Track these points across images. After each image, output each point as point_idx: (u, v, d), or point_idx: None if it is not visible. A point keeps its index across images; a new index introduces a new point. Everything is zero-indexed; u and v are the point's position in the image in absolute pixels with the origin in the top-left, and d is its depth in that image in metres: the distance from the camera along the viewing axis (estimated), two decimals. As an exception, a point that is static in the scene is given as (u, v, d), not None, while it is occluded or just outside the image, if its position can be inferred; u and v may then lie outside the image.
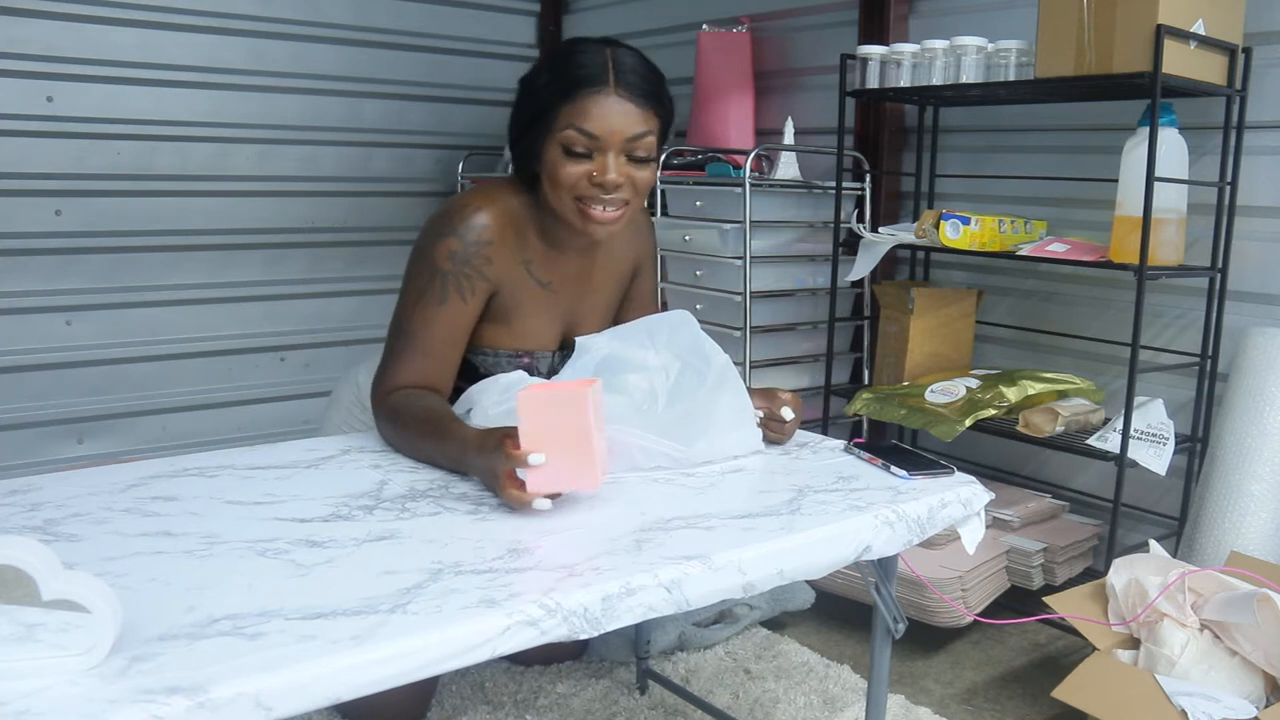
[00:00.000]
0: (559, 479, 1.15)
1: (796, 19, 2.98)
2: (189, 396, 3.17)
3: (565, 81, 1.43)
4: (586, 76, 1.42)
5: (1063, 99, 2.32)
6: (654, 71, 1.49)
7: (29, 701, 0.72)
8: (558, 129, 1.43)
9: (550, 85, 1.44)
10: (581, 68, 1.43)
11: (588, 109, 1.41)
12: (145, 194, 3.03)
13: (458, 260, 1.46)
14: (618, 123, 1.43)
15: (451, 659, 0.86)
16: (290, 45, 3.21)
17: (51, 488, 1.19)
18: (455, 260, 1.46)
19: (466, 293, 1.48)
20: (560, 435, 1.13)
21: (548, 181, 1.47)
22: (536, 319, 1.57)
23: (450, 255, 1.46)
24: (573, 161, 1.44)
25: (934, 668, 2.08)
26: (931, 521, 1.25)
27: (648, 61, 1.49)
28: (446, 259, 1.46)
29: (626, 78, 1.43)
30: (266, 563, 0.99)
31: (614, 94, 1.42)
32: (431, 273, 1.46)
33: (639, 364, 1.47)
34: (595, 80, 1.42)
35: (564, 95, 1.42)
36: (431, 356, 1.48)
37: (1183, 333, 2.25)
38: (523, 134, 1.50)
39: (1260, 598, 1.63)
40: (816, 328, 2.68)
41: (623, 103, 1.43)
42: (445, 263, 1.46)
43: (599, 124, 1.42)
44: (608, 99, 1.42)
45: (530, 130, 1.47)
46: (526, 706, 1.87)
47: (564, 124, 1.42)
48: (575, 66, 1.43)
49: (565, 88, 1.43)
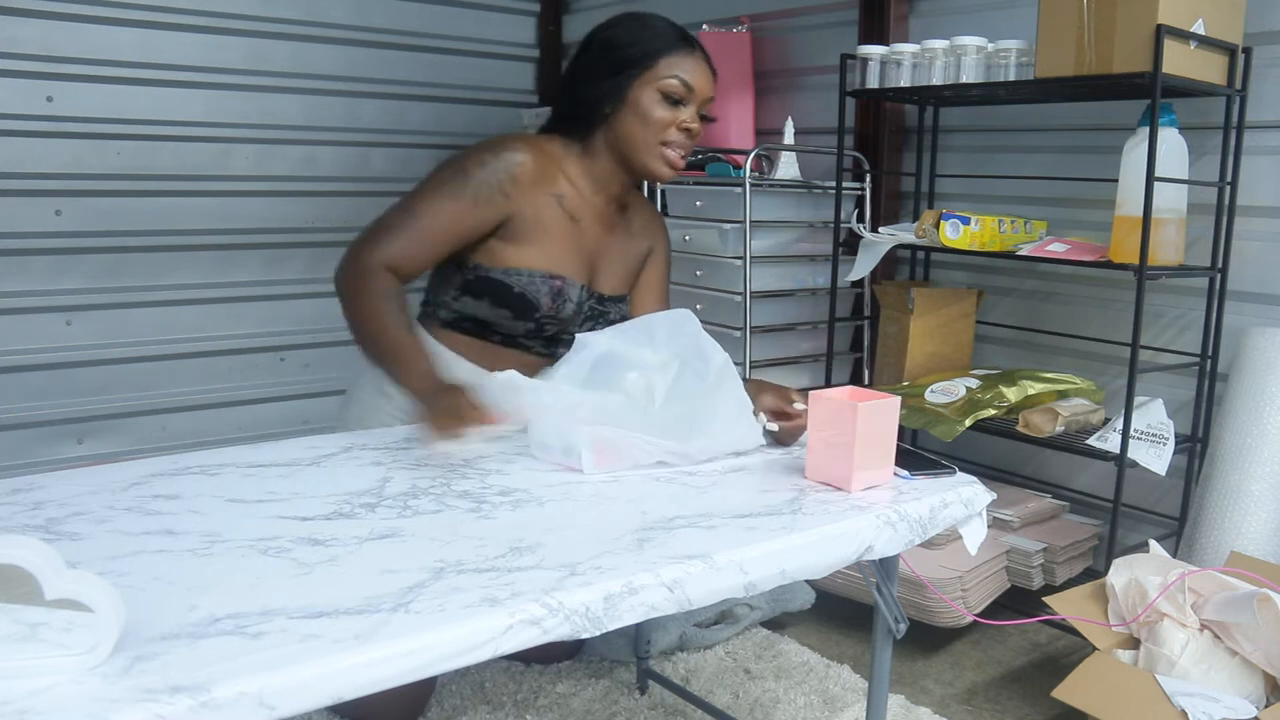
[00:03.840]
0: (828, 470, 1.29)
1: (796, 19, 2.98)
2: (189, 396, 3.17)
3: (670, 37, 1.63)
4: (686, 37, 1.64)
5: (1063, 99, 2.32)
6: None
7: (32, 701, 0.72)
8: (661, 76, 1.61)
9: (656, 39, 1.62)
10: (678, 30, 1.65)
11: (688, 64, 1.62)
12: (145, 194, 3.03)
13: (486, 169, 1.59)
14: (706, 83, 1.65)
15: (454, 658, 0.86)
16: (289, 45, 3.21)
17: (54, 487, 1.19)
18: (484, 168, 1.59)
19: (482, 200, 1.59)
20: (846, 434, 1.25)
21: (637, 122, 1.62)
22: (566, 248, 1.67)
23: (480, 164, 1.59)
24: (667, 107, 1.62)
25: (934, 668, 2.08)
26: (933, 521, 1.25)
27: None
28: (476, 166, 1.59)
29: (703, 50, 1.67)
30: (269, 561, 0.99)
31: (702, 58, 1.65)
32: (455, 172, 1.59)
33: (638, 362, 1.47)
34: (692, 43, 1.65)
35: (670, 48, 1.62)
36: (425, 244, 1.57)
37: (1183, 333, 2.25)
38: (605, 78, 1.63)
39: (1260, 598, 1.63)
40: (816, 328, 2.68)
41: (707, 68, 1.66)
42: (474, 169, 1.59)
43: (697, 79, 1.63)
44: (701, 61, 1.65)
45: (620, 75, 1.62)
46: (526, 706, 1.87)
47: (667, 73, 1.61)
48: (673, 28, 1.64)
49: (671, 42, 1.62)
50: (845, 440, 1.25)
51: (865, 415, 1.24)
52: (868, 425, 1.25)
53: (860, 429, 1.24)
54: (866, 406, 1.25)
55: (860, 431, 1.24)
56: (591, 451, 1.30)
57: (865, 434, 1.25)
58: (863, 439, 1.25)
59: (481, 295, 1.64)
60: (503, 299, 1.63)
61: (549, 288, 1.63)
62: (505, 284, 1.62)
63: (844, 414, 1.25)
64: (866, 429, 1.25)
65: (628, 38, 1.63)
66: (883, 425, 1.28)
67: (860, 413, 1.24)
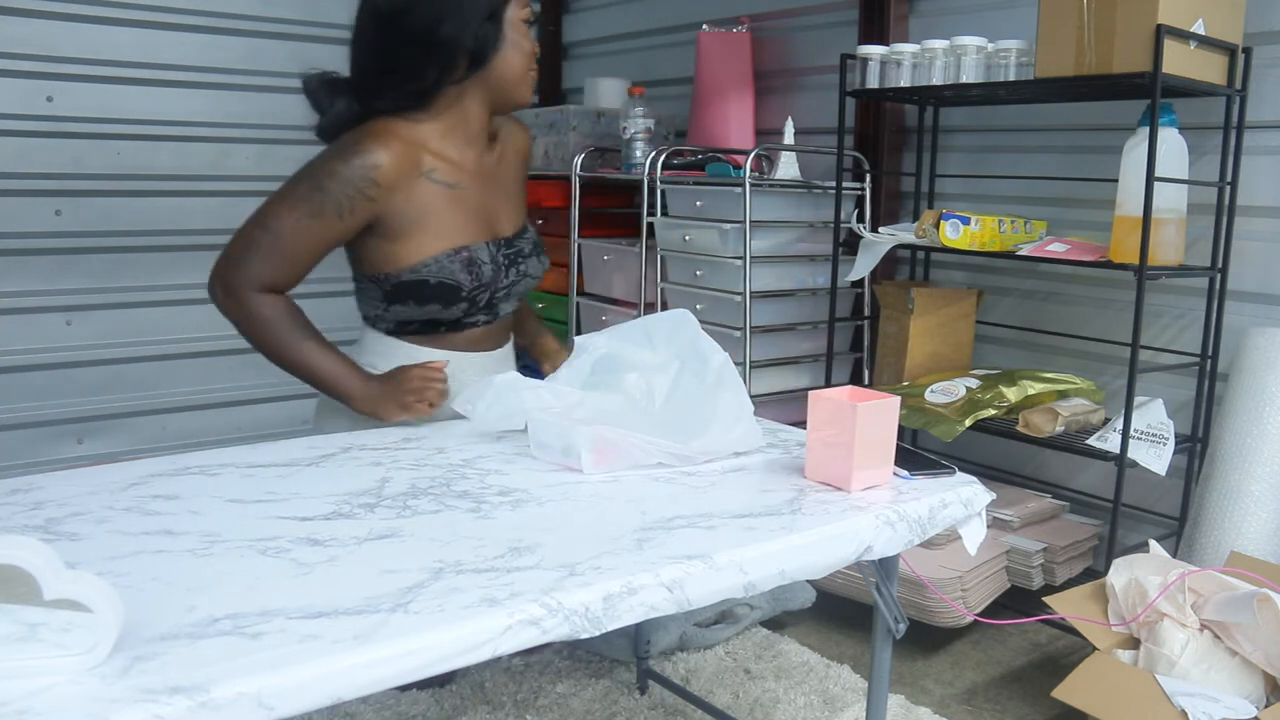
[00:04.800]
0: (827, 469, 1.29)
1: (796, 19, 2.98)
2: (189, 396, 3.17)
3: None
4: None
5: (1063, 99, 2.32)
6: None
7: (31, 701, 0.72)
8: (515, 18, 1.59)
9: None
10: None
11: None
12: (145, 194, 3.03)
13: (340, 180, 1.51)
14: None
15: (453, 658, 0.86)
16: (290, 45, 3.21)
17: (53, 487, 1.19)
18: (338, 180, 1.51)
19: (345, 211, 1.52)
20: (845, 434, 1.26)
21: (517, 56, 1.60)
22: (455, 217, 1.61)
23: (333, 174, 1.52)
24: (529, 35, 1.62)
25: (934, 668, 2.08)
26: (933, 522, 1.25)
27: None
28: (329, 178, 1.52)
29: None
30: (268, 561, 0.99)
31: None
32: (311, 188, 1.52)
33: (637, 363, 1.48)
34: None
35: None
36: (294, 263, 1.55)
37: (1183, 333, 2.25)
38: (474, 26, 1.55)
39: (1260, 598, 1.63)
40: (816, 328, 2.68)
41: None
42: (328, 182, 1.52)
43: (530, 8, 1.64)
44: None
45: (492, 19, 1.56)
46: (526, 706, 1.87)
47: (517, 12, 1.59)
48: None
49: None
50: (845, 440, 1.25)
51: (865, 415, 1.24)
52: (867, 425, 1.25)
53: (860, 429, 1.24)
54: (866, 406, 1.25)
55: (860, 431, 1.24)
56: (591, 452, 1.30)
57: (865, 434, 1.25)
58: (862, 439, 1.25)
59: (405, 299, 1.60)
60: (424, 295, 1.59)
61: (459, 263, 1.59)
62: (419, 281, 1.58)
63: (844, 414, 1.25)
64: (866, 429, 1.25)
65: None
66: (882, 425, 1.28)
67: (860, 413, 1.24)
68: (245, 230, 1.56)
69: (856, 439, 1.24)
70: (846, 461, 1.26)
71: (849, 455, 1.25)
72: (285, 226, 1.52)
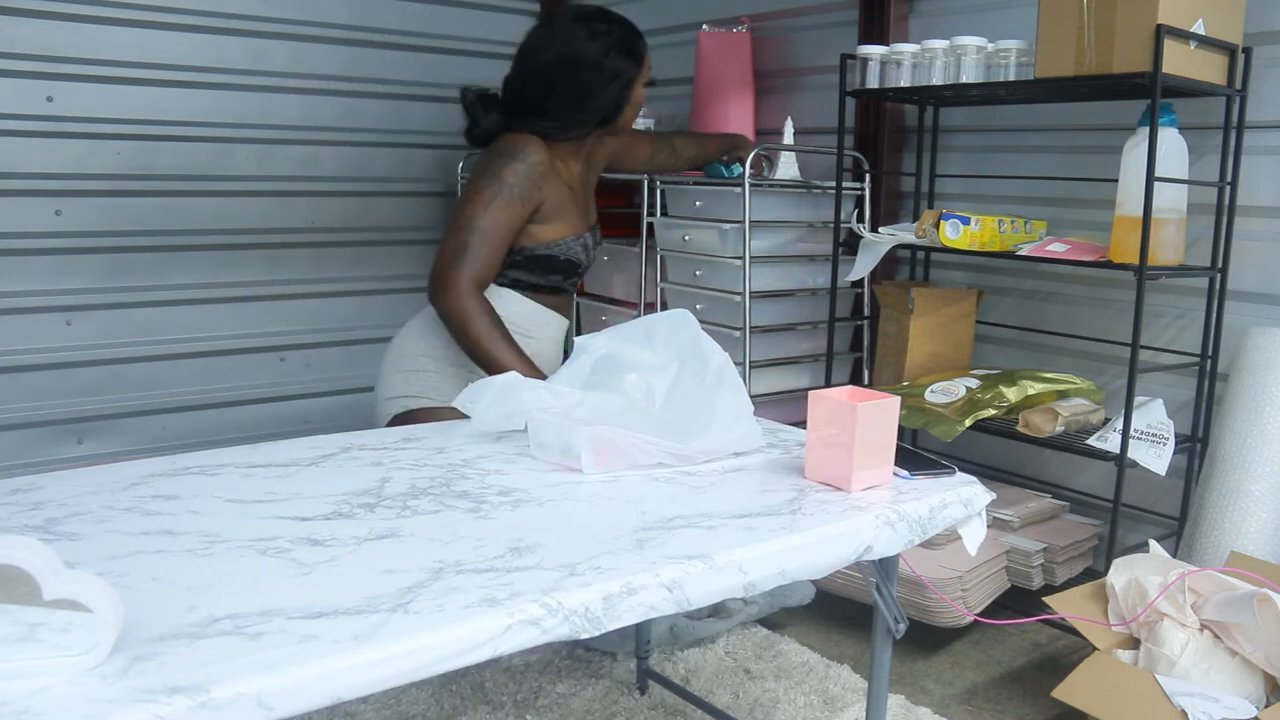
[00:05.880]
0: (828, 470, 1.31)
1: (796, 19, 2.98)
2: (189, 396, 3.17)
3: (639, 33, 2.12)
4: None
5: (1063, 99, 2.32)
6: None
7: (30, 701, 0.72)
8: (646, 71, 2.12)
9: (639, 40, 2.11)
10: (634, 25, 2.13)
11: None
12: (145, 194, 3.03)
13: (519, 174, 1.98)
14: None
15: (453, 659, 0.86)
16: (290, 45, 3.21)
17: (53, 487, 1.19)
18: (518, 174, 1.98)
19: (526, 200, 1.99)
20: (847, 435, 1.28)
21: (632, 115, 2.14)
22: (574, 212, 2.12)
23: (514, 171, 1.98)
24: (642, 96, 2.14)
25: (934, 668, 2.08)
26: (933, 521, 1.25)
27: None
28: (510, 174, 1.97)
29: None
30: (268, 561, 0.99)
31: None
32: (496, 183, 1.97)
33: (637, 363, 1.48)
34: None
35: (644, 49, 2.12)
36: (496, 251, 1.98)
37: (1183, 333, 2.25)
38: (612, 90, 2.06)
39: (1260, 598, 1.63)
40: (816, 328, 2.68)
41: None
42: (510, 176, 1.97)
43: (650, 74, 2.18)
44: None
45: (630, 87, 2.08)
46: (526, 706, 1.87)
47: (647, 68, 2.12)
48: (634, 30, 2.11)
49: (642, 46, 2.12)
50: (845, 440, 1.25)
51: (865, 415, 1.24)
52: (867, 425, 1.25)
53: (860, 429, 1.24)
54: (866, 406, 1.25)
55: (860, 431, 1.24)
56: (591, 452, 1.30)
57: (865, 434, 1.25)
58: (862, 439, 1.25)
59: (533, 268, 2.07)
60: (553, 266, 2.09)
61: (579, 246, 2.12)
62: (551, 255, 2.08)
63: (843, 414, 1.25)
64: (866, 429, 1.25)
65: (632, 49, 2.08)
66: (882, 425, 1.28)
67: (860, 413, 1.24)
68: (452, 240, 1.95)
69: (856, 439, 1.24)
70: (846, 461, 1.25)
71: (849, 455, 1.25)
72: (488, 222, 1.95)
